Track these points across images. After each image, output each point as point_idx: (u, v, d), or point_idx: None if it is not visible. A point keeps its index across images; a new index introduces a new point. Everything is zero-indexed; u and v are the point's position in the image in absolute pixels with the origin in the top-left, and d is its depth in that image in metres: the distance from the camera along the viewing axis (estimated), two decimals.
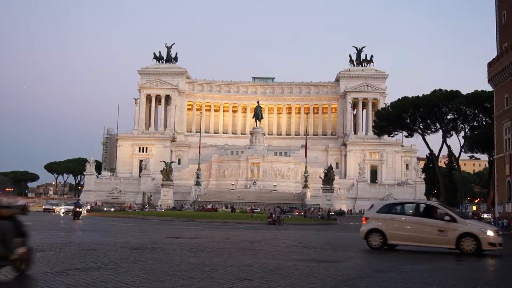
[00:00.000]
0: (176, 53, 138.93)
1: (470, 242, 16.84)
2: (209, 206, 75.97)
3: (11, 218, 9.38)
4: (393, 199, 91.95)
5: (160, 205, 79.78)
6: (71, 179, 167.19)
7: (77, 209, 42.94)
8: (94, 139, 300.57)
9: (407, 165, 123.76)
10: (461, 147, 79.16)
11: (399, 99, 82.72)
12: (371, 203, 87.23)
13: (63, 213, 57.04)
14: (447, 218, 17.48)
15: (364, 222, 19.22)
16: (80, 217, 41.81)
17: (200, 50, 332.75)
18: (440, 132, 78.65)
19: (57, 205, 68.07)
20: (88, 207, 74.02)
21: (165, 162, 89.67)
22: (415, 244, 17.98)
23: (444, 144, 79.62)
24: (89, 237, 21.25)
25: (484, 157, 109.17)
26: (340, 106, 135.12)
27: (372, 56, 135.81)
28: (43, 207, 69.20)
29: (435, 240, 17.43)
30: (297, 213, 67.05)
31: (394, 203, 20.68)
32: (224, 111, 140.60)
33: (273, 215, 43.91)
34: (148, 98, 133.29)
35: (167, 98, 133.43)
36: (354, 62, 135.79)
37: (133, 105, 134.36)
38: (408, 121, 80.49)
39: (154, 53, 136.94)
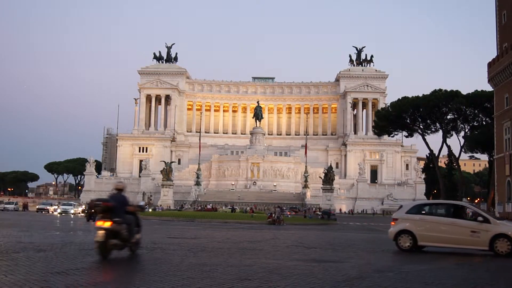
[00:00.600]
0: (176, 53, 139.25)
1: (504, 244, 16.48)
2: (209, 206, 75.94)
3: (134, 213, 13.28)
4: (423, 200, 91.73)
5: (160, 205, 79.78)
6: (71, 179, 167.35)
7: (92, 210, 40.73)
8: (94, 139, 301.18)
9: (407, 165, 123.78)
10: (461, 147, 79.18)
11: (399, 99, 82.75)
12: (370, 203, 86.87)
13: (58, 213, 55.32)
14: (480, 219, 17.10)
15: (392, 223, 18.79)
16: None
17: (200, 50, 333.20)
18: (440, 132, 78.70)
19: (51, 205, 66.76)
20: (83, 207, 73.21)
21: (165, 162, 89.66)
22: (447, 245, 17.55)
23: (444, 144, 79.69)
24: (89, 237, 21.23)
25: (484, 157, 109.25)
26: (340, 106, 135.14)
27: (372, 56, 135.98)
28: (37, 207, 67.33)
29: (468, 241, 17.05)
30: (288, 213, 65.12)
31: (424, 204, 20.21)
32: (224, 111, 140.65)
33: (273, 215, 43.92)
34: (148, 98, 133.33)
35: (167, 98, 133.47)
36: (354, 62, 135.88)
37: (133, 105, 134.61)
38: (408, 121, 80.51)
39: (154, 53, 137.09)
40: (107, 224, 12.32)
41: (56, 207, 64.81)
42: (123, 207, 12.92)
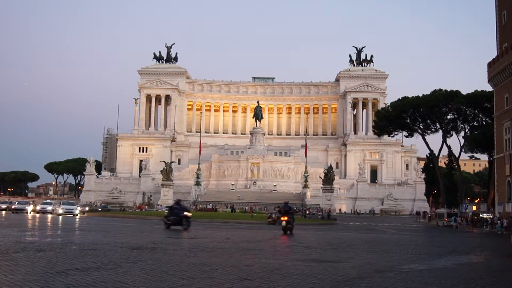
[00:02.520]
0: (176, 53, 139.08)
1: None
2: (209, 206, 76.01)
3: (292, 213, 28.96)
4: None
5: (161, 205, 79.75)
6: (71, 179, 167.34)
7: (185, 212, 28.94)
8: (94, 139, 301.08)
9: (407, 165, 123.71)
10: (461, 147, 79.06)
11: (399, 99, 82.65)
12: (370, 203, 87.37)
13: (59, 214, 51.63)
14: None
15: None
16: (189, 226, 28.39)
17: (200, 50, 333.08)
18: (440, 132, 78.56)
19: (29, 204, 62.55)
20: (87, 208, 72.16)
21: (165, 162, 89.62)
22: None
23: (444, 144, 79.53)
24: (89, 237, 21.24)
25: (484, 157, 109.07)
26: (340, 106, 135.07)
27: (372, 56, 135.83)
28: (13, 207, 59.54)
29: None
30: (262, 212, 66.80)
31: None
32: (224, 111, 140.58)
33: (273, 215, 43.91)
34: (148, 98, 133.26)
35: (167, 98, 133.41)
36: (354, 62, 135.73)
37: (133, 105, 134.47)
38: (408, 121, 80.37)
39: (154, 53, 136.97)
40: (285, 218, 27.69)
41: (32, 206, 59.63)
42: (290, 210, 28.50)
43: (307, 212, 68.99)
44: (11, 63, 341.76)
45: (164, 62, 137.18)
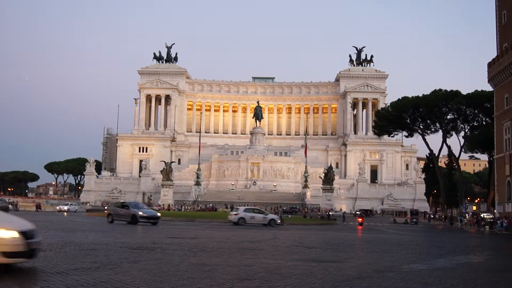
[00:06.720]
0: (176, 53, 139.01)
1: None
2: (209, 206, 76.03)
3: (368, 215, 61.29)
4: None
5: (162, 205, 79.71)
6: (71, 179, 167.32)
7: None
8: (94, 139, 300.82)
9: (407, 165, 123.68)
10: (461, 147, 79.08)
11: (399, 99, 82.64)
12: (370, 203, 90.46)
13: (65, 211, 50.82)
14: None
15: None
16: None
17: (200, 50, 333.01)
18: (440, 132, 78.58)
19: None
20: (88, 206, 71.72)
21: (165, 162, 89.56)
22: None
23: (444, 144, 79.54)
24: (89, 237, 21.24)
25: (484, 157, 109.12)
26: (340, 106, 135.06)
27: (372, 56, 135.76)
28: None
29: None
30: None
31: None
32: (224, 111, 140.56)
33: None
34: (148, 98, 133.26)
35: (167, 98, 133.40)
36: (354, 62, 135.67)
37: (133, 105, 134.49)
38: (408, 121, 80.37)
39: (154, 53, 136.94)
40: (361, 219, 45.78)
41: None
42: (364, 214, 49.62)
43: (305, 211, 69.00)
44: (11, 63, 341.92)
45: (164, 62, 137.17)
